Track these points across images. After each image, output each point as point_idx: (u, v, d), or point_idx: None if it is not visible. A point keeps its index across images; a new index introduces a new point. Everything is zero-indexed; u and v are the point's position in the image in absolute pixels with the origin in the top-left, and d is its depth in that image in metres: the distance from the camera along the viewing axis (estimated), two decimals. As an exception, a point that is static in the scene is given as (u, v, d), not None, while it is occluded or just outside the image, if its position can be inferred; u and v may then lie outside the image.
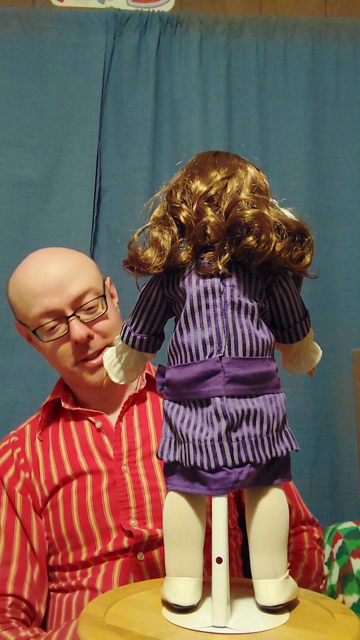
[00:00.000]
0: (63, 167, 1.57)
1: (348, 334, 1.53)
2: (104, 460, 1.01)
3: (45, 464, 1.03)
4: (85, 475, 1.00)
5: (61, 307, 1.00)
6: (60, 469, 1.02)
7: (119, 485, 0.98)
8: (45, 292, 1.00)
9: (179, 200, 0.63)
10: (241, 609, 0.60)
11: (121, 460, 1.00)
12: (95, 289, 1.04)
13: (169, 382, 0.63)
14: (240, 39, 1.65)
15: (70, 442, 1.04)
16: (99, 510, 0.98)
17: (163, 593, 0.62)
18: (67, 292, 1.00)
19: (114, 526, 0.97)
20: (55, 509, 1.01)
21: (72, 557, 0.99)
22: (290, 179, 1.55)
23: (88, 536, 0.98)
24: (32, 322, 1.03)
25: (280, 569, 0.59)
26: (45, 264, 1.04)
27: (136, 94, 1.61)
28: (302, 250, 0.62)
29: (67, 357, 1.03)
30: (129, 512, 0.97)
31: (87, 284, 1.02)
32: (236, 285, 0.60)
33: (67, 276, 1.01)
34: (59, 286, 1.00)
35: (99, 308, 1.04)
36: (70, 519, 0.99)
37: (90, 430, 1.05)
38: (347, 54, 1.65)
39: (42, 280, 1.01)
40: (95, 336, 1.03)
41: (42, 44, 1.61)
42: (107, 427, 1.04)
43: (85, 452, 1.02)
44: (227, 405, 0.58)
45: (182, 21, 1.63)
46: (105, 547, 0.96)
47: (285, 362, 0.72)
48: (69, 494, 1.00)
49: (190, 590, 0.60)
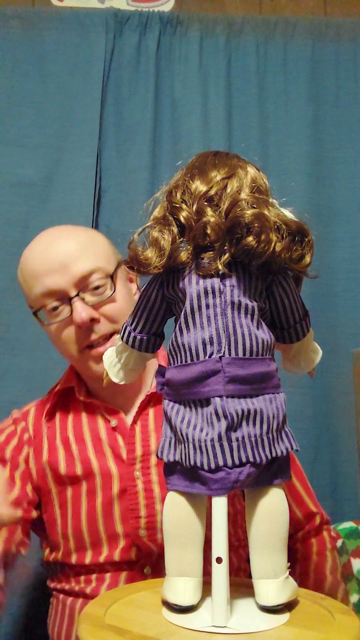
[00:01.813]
0: (63, 167, 1.57)
1: (348, 334, 1.53)
2: (116, 462, 0.96)
3: (51, 447, 0.98)
4: (95, 476, 0.95)
5: (64, 287, 0.93)
6: (70, 462, 0.97)
7: (130, 492, 0.94)
8: (48, 271, 0.94)
9: (179, 200, 0.63)
10: (241, 609, 0.60)
11: (134, 465, 0.95)
12: (104, 269, 0.96)
13: (169, 382, 0.63)
14: (240, 38, 1.65)
15: (80, 435, 0.99)
16: (108, 517, 0.94)
17: (163, 593, 0.62)
18: (71, 271, 0.93)
19: (122, 534, 0.93)
20: (63, 507, 0.97)
21: (76, 558, 0.95)
22: (290, 179, 1.55)
23: (94, 540, 0.94)
24: (34, 303, 0.97)
25: (280, 569, 0.59)
26: (50, 242, 0.98)
27: (136, 93, 1.61)
28: (302, 250, 0.62)
29: (71, 343, 0.96)
30: (138, 522, 0.92)
31: (94, 263, 0.95)
32: (236, 285, 0.60)
33: (72, 254, 0.94)
34: (62, 265, 0.93)
35: (107, 290, 0.96)
36: (77, 521, 0.95)
37: (105, 427, 0.99)
38: (347, 54, 1.66)
39: (46, 259, 0.95)
40: (102, 320, 0.95)
41: (42, 43, 1.61)
42: (122, 427, 0.98)
43: (97, 449, 0.97)
44: (227, 405, 0.58)
45: (182, 21, 1.63)
46: (111, 554, 0.93)
47: (285, 362, 0.72)
48: (79, 495, 0.96)
49: (190, 590, 0.59)
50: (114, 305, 0.96)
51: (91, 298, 0.95)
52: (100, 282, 0.95)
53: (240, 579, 0.67)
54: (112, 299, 0.96)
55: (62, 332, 0.96)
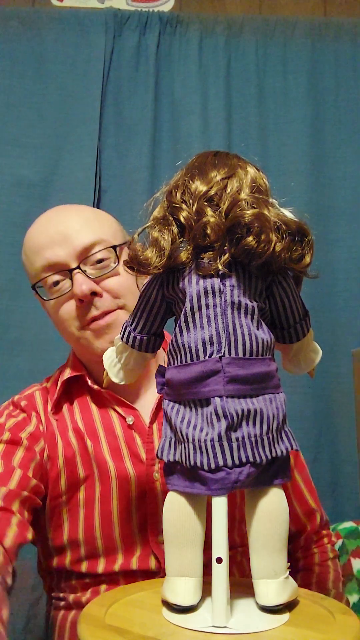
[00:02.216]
0: (63, 167, 1.57)
1: (348, 334, 1.53)
2: (133, 463, 0.89)
3: (66, 445, 0.90)
4: (111, 478, 0.88)
5: (65, 260, 0.88)
6: (86, 462, 0.89)
7: (149, 496, 0.88)
8: (50, 243, 0.89)
9: (179, 200, 0.63)
10: (241, 609, 0.60)
11: (154, 466, 0.88)
12: (107, 242, 0.91)
13: (169, 382, 0.63)
14: (240, 38, 1.65)
15: (93, 430, 0.91)
16: (125, 522, 0.88)
17: (163, 593, 0.62)
18: (73, 243, 0.89)
19: (140, 541, 0.87)
20: (73, 510, 0.89)
21: (87, 566, 0.88)
22: (290, 178, 1.56)
23: (109, 546, 0.88)
24: (34, 278, 0.92)
25: (280, 569, 0.59)
26: (53, 216, 0.94)
27: (136, 93, 1.61)
28: (302, 250, 0.62)
29: (71, 320, 0.90)
30: (157, 528, 0.86)
31: (97, 235, 0.90)
32: (236, 285, 0.60)
33: (74, 227, 0.90)
34: (64, 237, 0.89)
35: (111, 262, 0.90)
36: (91, 526, 0.88)
37: (120, 424, 0.92)
38: (346, 54, 1.66)
39: (47, 233, 0.90)
40: (105, 295, 0.90)
41: (42, 43, 1.61)
42: (140, 425, 0.91)
43: (112, 448, 0.90)
44: (227, 405, 0.58)
45: (182, 21, 1.63)
46: (127, 562, 0.87)
47: (285, 362, 0.72)
48: (92, 498, 0.89)
49: (190, 590, 0.59)
50: (118, 279, 0.91)
51: (93, 271, 0.90)
52: (104, 255, 0.90)
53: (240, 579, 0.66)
54: (116, 272, 0.91)
55: (61, 308, 0.90)
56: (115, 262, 0.91)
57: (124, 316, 0.88)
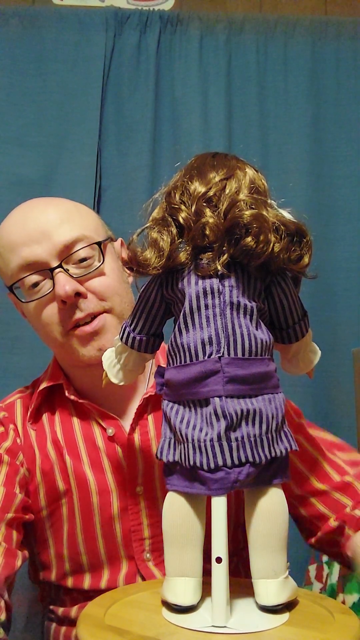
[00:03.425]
0: (63, 165, 1.57)
1: (348, 333, 1.53)
2: (115, 477, 0.85)
3: (43, 458, 0.86)
4: (91, 493, 0.84)
5: (45, 258, 0.81)
6: (64, 476, 0.85)
7: (131, 511, 0.84)
8: (27, 241, 0.82)
9: (178, 201, 0.63)
10: (241, 608, 0.60)
11: (136, 480, 0.84)
12: (91, 238, 0.84)
13: (168, 382, 0.63)
14: (240, 37, 1.65)
15: (72, 442, 0.87)
16: (108, 538, 0.84)
17: (163, 593, 0.62)
18: (52, 239, 0.81)
19: (125, 556, 0.84)
20: (56, 526, 0.85)
21: (72, 581, 0.85)
22: (291, 177, 1.55)
23: (93, 562, 0.84)
24: (9, 280, 0.84)
25: (280, 569, 0.59)
26: (29, 211, 0.86)
27: (136, 92, 1.61)
28: (300, 251, 0.62)
29: (54, 324, 0.83)
30: (142, 544, 0.83)
31: (79, 231, 0.83)
32: (235, 286, 0.60)
33: (54, 222, 0.83)
34: (42, 233, 0.81)
35: (95, 261, 0.84)
36: (74, 542, 0.85)
37: (101, 435, 0.87)
38: (347, 53, 1.66)
39: (24, 229, 0.83)
40: (89, 296, 0.83)
41: (42, 42, 1.61)
42: (120, 436, 0.86)
43: (93, 461, 0.86)
44: (226, 405, 0.58)
45: (183, 20, 1.63)
46: (114, 580, 0.83)
47: (284, 362, 0.72)
48: (73, 513, 0.85)
49: (190, 590, 0.59)
50: (104, 280, 0.84)
51: (76, 270, 0.83)
52: (87, 253, 0.83)
53: (240, 579, 0.67)
54: (101, 271, 0.84)
55: (43, 311, 0.83)
56: (99, 261, 0.84)
57: (111, 320, 0.85)
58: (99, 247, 0.85)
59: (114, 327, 0.84)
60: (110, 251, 0.89)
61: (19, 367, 1.47)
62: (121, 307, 0.86)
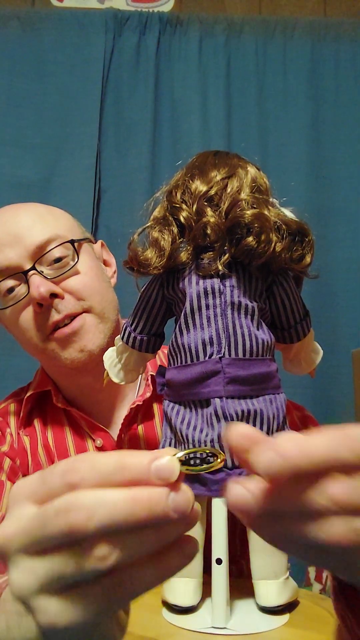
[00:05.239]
0: (62, 167, 1.57)
1: (348, 334, 1.53)
2: None
3: (35, 465, 0.85)
4: None
5: (18, 262, 0.79)
6: None
7: None
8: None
9: (179, 200, 0.63)
10: (241, 609, 0.60)
11: None
12: (64, 237, 0.82)
13: (169, 382, 0.63)
14: (240, 39, 1.65)
15: (62, 447, 0.86)
16: None
17: (163, 594, 0.62)
18: (24, 242, 0.79)
19: None
20: None
21: None
22: (290, 178, 1.56)
23: None
24: None
25: (280, 570, 0.59)
26: (0, 216, 0.84)
27: (136, 94, 1.61)
28: (302, 251, 0.62)
29: (32, 330, 0.80)
30: None
31: (52, 231, 0.81)
32: (236, 286, 0.60)
33: (25, 224, 0.81)
34: (14, 237, 0.79)
35: (69, 260, 0.81)
36: None
37: (93, 445, 0.86)
38: (346, 54, 1.66)
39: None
40: (67, 296, 0.80)
41: (42, 44, 1.61)
42: (110, 446, 0.85)
43: None
44: (227, 406, 0.58)
45: (182, 21, 1.63)
46: None
47: (286, 362, 0.72)
48: None
49: (190, 591, 0.59)
50: (80, 279, 0.82)
51: (51, 271, 0.80)
52: (61, 253, 0.81)
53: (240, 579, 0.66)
54: (76, 270, 0.82)
55: (19, 317, 0.81)
56: (74, 260, 0.82)
57: (91, 320, 0.82)
58: (73, 246, 0.82)
59: (95, 327, 0.82)
60: (87, 250, 0.87)
61: (19, 368, 1.46)
62: (101, 306, 0.84)
